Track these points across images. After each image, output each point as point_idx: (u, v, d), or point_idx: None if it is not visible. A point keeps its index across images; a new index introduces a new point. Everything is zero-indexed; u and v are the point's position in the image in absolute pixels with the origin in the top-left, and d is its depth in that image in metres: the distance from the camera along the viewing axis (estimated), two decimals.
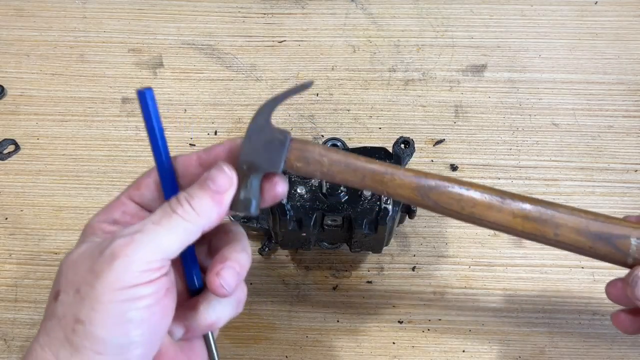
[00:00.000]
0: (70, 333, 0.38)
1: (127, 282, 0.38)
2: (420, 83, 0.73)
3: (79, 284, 0.38)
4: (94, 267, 0.38)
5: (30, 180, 0.67)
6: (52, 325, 0.39)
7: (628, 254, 0.43)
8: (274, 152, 0.41)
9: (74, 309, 0.38)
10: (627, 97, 0.72)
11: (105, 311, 0.37)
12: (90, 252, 0.39)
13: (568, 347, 0.59)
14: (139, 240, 0.38)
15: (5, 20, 0.76)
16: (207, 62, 0.74)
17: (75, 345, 0.38)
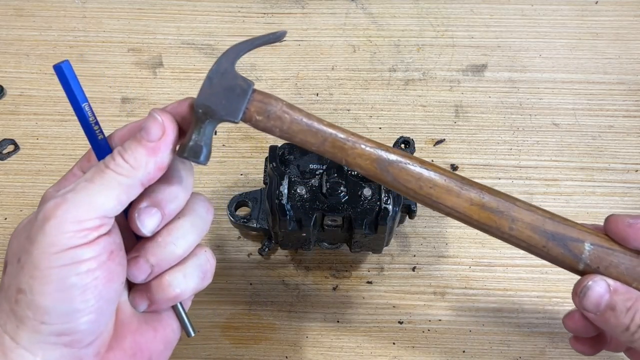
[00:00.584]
0: (14, 304, 0.36)
1: (62, 245, 0.36)
2: (421, 83, 0.73)
3: (19, 253, 0.37)
4: (30, 233, 0.36)
5: (29, 180, 0.67)
6: (0, 298, 0.37)
7: (580, 259, 0.42)
8: (234, 99, 0.39)
9: (15, 279, 0.37)
10: (627, 97, 0.72)
11: (43, 278, 0.36)
12: (29, 220, 0.38)
13: (568, 347, 0.59)
14: (71, 199, 0.36)
15: (5, 20, 0.76)
16: (207, 62, 0.74)
17: (19, 316, 0.36)
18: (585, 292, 0.41)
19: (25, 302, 0.36)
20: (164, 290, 0.40)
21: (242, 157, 0.68)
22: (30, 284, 0.36)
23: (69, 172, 0.42)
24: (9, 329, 0.37)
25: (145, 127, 0.39)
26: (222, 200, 0.64)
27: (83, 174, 0.40)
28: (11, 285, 0.37)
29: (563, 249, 0.42)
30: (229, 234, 0.64)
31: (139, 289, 0.41)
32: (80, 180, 0.38)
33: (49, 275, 0.36)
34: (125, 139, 0.41)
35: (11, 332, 0.37)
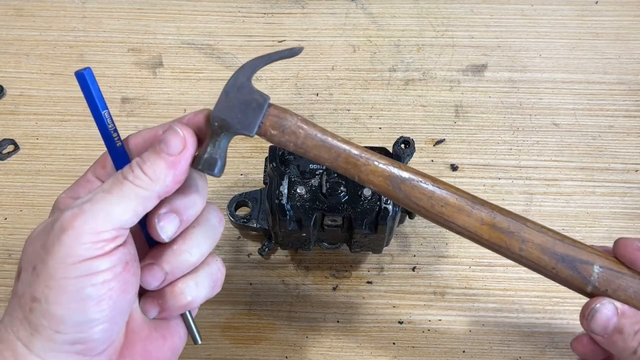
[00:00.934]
0: (28, 312, 0.37)
1: (79, 256, 0.36)
2: (421, 83, 0.73)
3: (34, 261, 0.37)
4: (46, 242, 0.36)
5: (29, 180, 0.67)
6: (14, 304, 0.38)
7: (588, 281, 0.42)
8: (250, 113, 0.40)
9: (30, 287, 0.37)
10: (627, 97, 0.72)
11: (59, 288, 0.36)
12: (45, 227, 0.38)
13: (568, 347, 0.59)
14: (88, 210, 0.36)
15: (5, 20, 0.76)
16: (207, 62, 0.74)
17: (34, 325, 0.37)
18: (593, 315, 0.41)
19: (40, 311, 0.36)
20: (175, 297, 0.41)
21: (242, 157, 0.68)
22: (45, 293, 0.36)
23: (82, 178, 0.42)
24: (22, 336, 0.37)
25: (166, 140, 0.39)
26: (222, 200, 0.64)
27: (97, 179, 0.41)
28: (25, 293, 0.37)
29: (572, 271, 0.42)
30: (229, 234, 0.64)
31: (150, 296, 0.41)
32: (98, 191, 0.38)
33: (64, 285, 0.36)
34: (139, 146, 0.41)
35: (24, 339, 0.37)
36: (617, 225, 0.65)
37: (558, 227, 0.64)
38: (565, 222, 0.65)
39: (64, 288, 0.36)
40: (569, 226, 0.64)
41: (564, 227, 0.64)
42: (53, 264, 0.36)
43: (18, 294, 0.37)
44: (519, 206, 0.65)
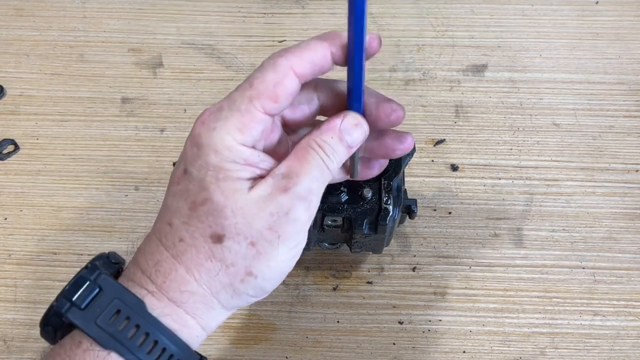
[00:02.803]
0: (238, 282, 0.39)
1: (300, 242, 0.40)
2: (421, 83, 0.73)
3: (254, 238, 0.38)
4: (278, 228, 0.38)
5: (29, 180, 0.67)
6: (214, 266, 0.39)
7: None
8: None
9: (247, 261, 0.39)
10: (628, 97, 0.72)
11: (278, 269, 0.40)
12: (264, 205, 0.38)
13: (569, 347, 0.59)
14: (315, 203, 0.40)
15: (5, 20, 0.76)
16: (207, 62, 0.74)
17: (239, 292, 0.39)
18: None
19: (251, 284, 0.39)
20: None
21: None
22: (264, 271, 0.39)
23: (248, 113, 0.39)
24: (221, 297, 0.40)
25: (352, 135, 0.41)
26: None
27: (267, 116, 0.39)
28: (237, 264, 0.39)
29: None
30: None
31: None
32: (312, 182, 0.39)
33: (282, 266, 0.40)
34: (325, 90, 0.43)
35: (223, 300, 0.40)
36: (617, 225, 0.65)
37: (558, 227, 0.64)
38: (565, 222, 0.65)
39: (281, 269, 0.40)
40: (569, 226, 0.64)
41: (564, 227, 0.64)
42: (282, 249, 0.39)
43: (224, 260, 0.39)
44: (519, 206, 0.65)
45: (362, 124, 0.42)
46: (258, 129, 0.39)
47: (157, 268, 0.39)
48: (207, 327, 0.41)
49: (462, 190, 0.66)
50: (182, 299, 0.39)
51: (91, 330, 0.37)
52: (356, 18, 0.37)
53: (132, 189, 0.67)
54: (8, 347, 0.59)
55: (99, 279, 0.39)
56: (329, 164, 0.40)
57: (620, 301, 0.61)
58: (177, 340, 0.39)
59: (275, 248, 0.38)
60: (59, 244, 0.64)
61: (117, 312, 0.37)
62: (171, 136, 0.69)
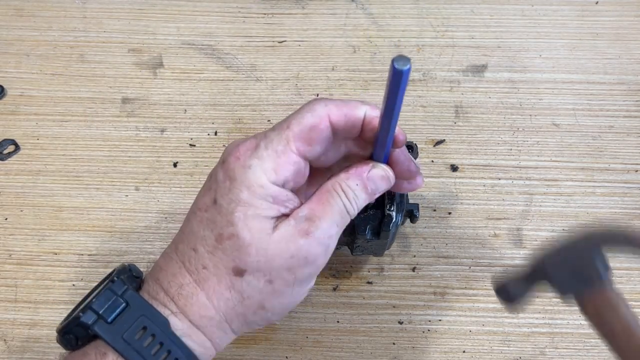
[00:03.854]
0: (251, 314, 0.41)
1: (311, 281, 0.43)
2: (421, 83, 0.73)
3: (272, 276, 0.40)
4: (296, 270, 0.40)
5: (30, 181, 0.67)
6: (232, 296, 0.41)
7: None
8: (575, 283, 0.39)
9: (262, 296, 0.41)
10: (628, 97, 0.72)
11: (288, 305, 0.42)
12: (286, 247, 0.40)
13: (568, 347, 0.59)
14: (331, 247, 0.42)
15: (5, 20, 0.76)
16: (207, 62, 0.74)
17: (249, 321, 0.42)
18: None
19: (261, 317, 0.42)
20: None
21: None
22: (274, 306, 0.42)
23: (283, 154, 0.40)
24: (234, 325, 0.42)
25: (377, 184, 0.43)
26: None
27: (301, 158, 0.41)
28: (253, 298, 0.41)
29: None
30: None
31: None
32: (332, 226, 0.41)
33: (291, 302, 0.42)
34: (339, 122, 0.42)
35: (234, 327, 0.43)
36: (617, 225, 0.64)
37: (558, 228, 0.64)
38: (565, 223, 0.65)
39: (289, 304, 0.42)
40: (569, 226, 0.64)
41: (564, 227, 0.64)
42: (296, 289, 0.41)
43: (241, 292, 0.41)
44: (519, 206, 0.65)
45: (390, 178, 0.44)
46: (291, 170, 0.41)
47: (179, 291, 0.41)
48: (219, 347, 0.44)
49: (462, 190, 0.66)
50: (202, 323, 0.41)
51: (118, 345, 0.39)
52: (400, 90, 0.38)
53: (132, 189, 0.67)
54: (8, 347, 0.59)
55: (125, 294, 0.40)
56: (350, 209, 0.42)
57: None
58: (194, 358, 0.41)
59: (290, 287, 0.41)
60: (59, 244, 0.64)
61: (143, 328, 0.39)
62: (171, 136, 0.69)
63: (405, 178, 0.45)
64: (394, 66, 0.35)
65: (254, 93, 0.72)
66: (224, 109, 0.71)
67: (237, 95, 0.72)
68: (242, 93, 0.72)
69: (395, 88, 0.37)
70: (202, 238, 0.41)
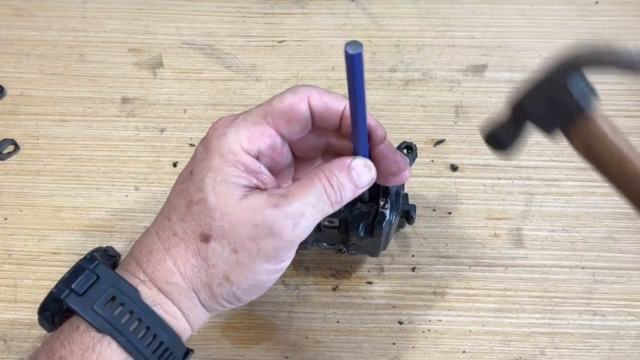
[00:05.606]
0: (216, 285, 0.41)
1: (280, 260, 0.41)
2: (421, 83, 0.73)
3: (237, 245, 0.40)
4: (260, 241, 0.40)
5: (30, 180, 0.67)
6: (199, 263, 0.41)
7: None
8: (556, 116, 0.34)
9: (226, 266, 0.40)
10: (628, 97, 0.72)
11: (254, 282, 0.41)
12: (252, 215, 0.40)
13: (568, 347, 0.59)
14: (303, 226, 0.41)
15: (5, 20, 0.76)
16: (207, 62, 0.74)
17: (215, 294, 0.41)
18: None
19: (227, 290, 0.41)
20: None
21: None
22: (240, 281, 0.41)
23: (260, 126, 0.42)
24: (201, 295, 0.41)
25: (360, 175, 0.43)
26: None
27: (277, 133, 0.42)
28: (218, 267, 0.40)
29: None
30: None
31: None
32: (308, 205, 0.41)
33: (258, 281, 0.41)
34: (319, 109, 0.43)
35: (202, 299, 0.42)
36: (617, 225, 0.65)
37: (558, 227, 0.64)
38: (565, 222, 0.65)
39: (256, 283, 0.41)
40: (569, 226, 0.64)
41: (564, 227, 0.64)
42: (260, 263, 0.40)
43: (207, 259, 0.41)
44: (519, 206, 0.65)
45: (371, 168, 0.44)
46: (266, 143, 0.42)
47: (149, 258, 0.41)
48: (192, 323, 0.42)
49: (462, 190, 0.66)
50: (169, 289, 0.41)
51: (88, 315, 0.39)
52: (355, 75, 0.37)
53: (132, 189, 0.67)
54: (8, 347, 0.59)
55: (97, 268, 0.41)
56: (331, 195, 0.42)
57: (620, 301, 0.61)
58: (167, 328, 0.40)
59: (253, 260, 0.40)
60: (59, 244, 0.64)
61: (112, 298, 0.40)
62: (171, 136, 0.69)
63: (394, 172, 0.45)
64: (346, 50, 0.35)
65: (254, 93, 0.72)
66: (223, 108, 0.71)
67: (237, 95, 0.72)
68: (242, 93, 0.72)
69: (351, 74, 0.37)
70: (175, 207, 0.42)
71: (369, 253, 0.58)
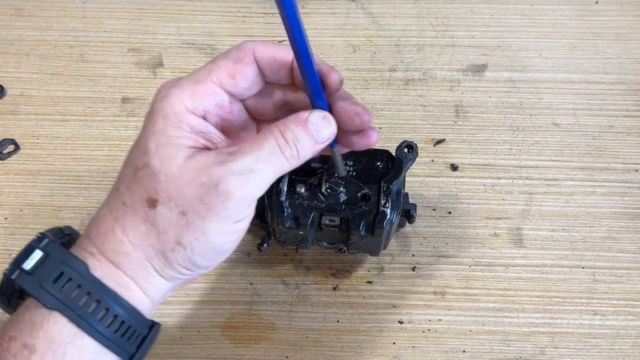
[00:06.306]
0: (169, 251, 0.39)
1: (234, 219, 0.39)
2: (421, 83, 0.73)
3: (185, 207, 0.38)
4: (207, 200, 0.38)
5: (30, 180, 0.67)
6: (148, 230, 0.39)
7: None
8: None
9: (177, 230, 0.39)
10: (628, 96, 0.72)
11: (208, 244, 0.39)
12: (197, 175, 0.38)
13: (568, 347, 0.59)
14: (253, 182, 0.38)
15: (5, 20, 0.76)
16: (207, 62, 0.74)
17: (170, 261, 0.40)
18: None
19: (181, 255, 0.39)
20: None
21: None
22: (193, 244, 0.39)
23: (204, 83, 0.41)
24: (155, 263, 0.40)
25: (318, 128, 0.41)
26: None
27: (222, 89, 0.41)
28: (168, 232, 0.39)
29: None
30: None
31: None
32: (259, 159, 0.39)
33: (213, 243, 0.39)
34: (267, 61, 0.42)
35: (157, 267, 0.40)
36: (617, 225, 0.65)
37: (558, 227, 0.64)
38: (565, 222, 0.65)
39: (211, 246, 0.39)
40: (569, 226, 0.64)
41: (564, 226, 0.64)
42: (210, 224, 0.38)
43: (156, 225, 0.39)
44: (519, 206, 0.65)
45: (330, 120, 0.42)
46: (211, 100, 0.40)
47: (98, 230, 0.40)
48: (150, 294, 0.41)
49: (462, 190, 0.66)
50: (119, 260, 0.39)
51: (35, 292, 0.38)
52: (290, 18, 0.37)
53: None
54: None
55: (46, 246, 0.40)
56: (285, 150, 0.40)
57: (620, 301, 0.61)
58: (119, 300, 0.39)
59: (202, 220, 0.38)
60: None
61: (60, 274, 0.39)
62: None
63: (356, 126, 0.43)
64: None
65: None
66: None
67: None
68: None
69: (285, 19, 0.36)
70: (124, 176, 0.41)
71: (370, 252, 0.58)
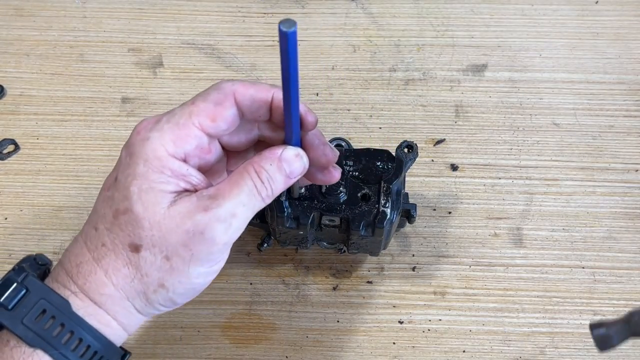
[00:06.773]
0: (151, 292, 0.40)
1: (215, 262, 0.41)
2: (421, 83, 0.73)
3: (169, 253, 0.39)
4: (192, 247, 0.39)
5: (30, 180, 0.67)
6: (131, 273, 0.40)
7: None
8: None
9: (160, 274, 0.40)
10: (628, 96, 0.72)
11: (189, 285, 0.41)
12: (181, 222, 0.39)
13: (568, 347, 0.59)
14: (235, 226, 0.40)
15: (5, 19, 0.76)
16: (207, 62, 0.74)
17: (151, 301, 0.41)
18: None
19: (163, 296, 0.41)
20: None
21: None
22: (175, 286, 0.40)
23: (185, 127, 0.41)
24: (136, 303, 0.41)
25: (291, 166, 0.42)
26: None
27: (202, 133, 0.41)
28: (151, 276, 0.40)
29: None
30: None
31: None
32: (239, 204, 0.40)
33: (194, 284, 0.41)
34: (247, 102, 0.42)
35: (138, 306, 0.41)
36: (617, 225, 0.65)
37: (558, 227, 0.64)
38: (565, 222, 0.65)
39: (192, 286, 0.41)
40: (569, 226, 0.64)
41: (564, 226, 0.64)
42: (194, 268, 0.40)
43: (140, 269, 0.40)
44: (519, 206, 0.65)
45: (303, 157, 0.43)
46: (192, 144, 0.41)
47: (78, 269, 0.40)
48: (127, 328, 0.42)
49: (462, 190, 0.66)
50: (102, 300, 0.40)
51: (17, 329, 0.38)
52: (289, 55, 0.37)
53: None
54: None
55: (25, 280, 0.40)
56: (262, 191, 0.41)
57: (620, 301, 0.61)
58: (100, 337, 0.40)
59: (187, 265, 0.40)
60: (59, 244, 0.64)
61: (42, 311, 0.39)
62: None
63: (321, 164, 0.44)
64: (280, 28, 0.34)
65: None
66: None
67: None
68: None
69: (285, 53, 0.36)
70: (102, 216, 0.40)
71: (370, 252, 0.58)
